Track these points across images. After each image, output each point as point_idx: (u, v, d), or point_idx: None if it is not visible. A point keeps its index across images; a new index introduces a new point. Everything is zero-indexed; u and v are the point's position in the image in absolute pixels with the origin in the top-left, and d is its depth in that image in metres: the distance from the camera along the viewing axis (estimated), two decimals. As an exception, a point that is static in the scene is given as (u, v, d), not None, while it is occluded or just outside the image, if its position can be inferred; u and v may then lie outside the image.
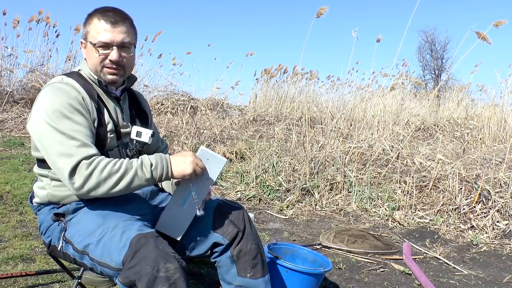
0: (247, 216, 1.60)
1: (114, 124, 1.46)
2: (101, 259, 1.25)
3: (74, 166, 1.24)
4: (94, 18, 1.42)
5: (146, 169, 1.30)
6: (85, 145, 1.29)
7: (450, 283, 2.54)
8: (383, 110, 6.51)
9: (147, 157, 1.34)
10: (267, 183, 4.18)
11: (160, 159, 1.33)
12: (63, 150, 1.26)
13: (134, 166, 1.30)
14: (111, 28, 1.39)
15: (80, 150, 1.27)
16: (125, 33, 1.42)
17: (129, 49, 1.44)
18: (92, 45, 1.41)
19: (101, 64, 1.42)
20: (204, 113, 7.38)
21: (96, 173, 1.25)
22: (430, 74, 24.64)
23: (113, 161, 1.29)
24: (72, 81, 1.40)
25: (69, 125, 1.29)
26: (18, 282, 2.09)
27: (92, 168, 1.25)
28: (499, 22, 4.13)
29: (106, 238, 1.26)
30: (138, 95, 1.71)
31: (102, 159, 1.28)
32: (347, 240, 3.01)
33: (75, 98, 1.34)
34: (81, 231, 1.32)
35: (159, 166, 1.32)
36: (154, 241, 1.20)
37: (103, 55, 1.41)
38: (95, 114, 1.40)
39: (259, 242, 1.59)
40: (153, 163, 1.31)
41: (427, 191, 3.99)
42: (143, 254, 1.16)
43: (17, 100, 6.95)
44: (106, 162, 1.28)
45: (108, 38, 1.39)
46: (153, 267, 1.13)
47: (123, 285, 1.16)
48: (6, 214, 3.06)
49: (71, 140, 1.27)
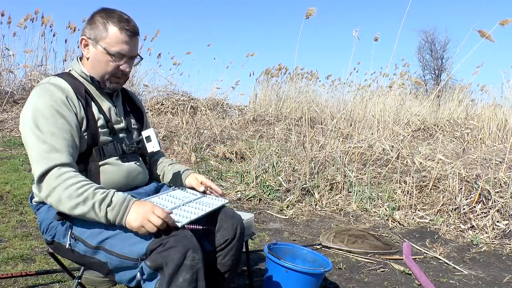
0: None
1: (105, 119, 1.46)
2: (121, 252, 1.26)
3: (42, 173, 1.24)
4: (111, 25, 1.40)
5: (103, 206, 1.22)
6: (56, 151, 1.26)
7: (450, 283, 2.54)
8: (383, 110, 6.51)
9: (114, 194, 1.25)
10: (267, 183, 4.18)
11: (123, 201, 1.23)
12: (35, 155, 1.26)
13: (94, 198, 1.22)
14: (130, 41, 1.42)
15: (50, 156, 1.25)
16: (137, 46, 1.47)
17: (134, 60, 1.49)
18: (106, 52, 1.41)
19: (112, 73, 1.44)
20: (204, 113, 7.38)
21: (59, 189, 1.23)
22: (430, 74, 24.63)
23: (79, 184, 1.23)
24: (60, 81, 1.40)
25: (47, 128, 1.28)
26: (18, 282, 2.09)
27: (58, 182, 1.23)
28: (505, 21, 4.09)
29: (127, 231, 1.26)
30: (131, 95, 1.71)
31: (70, 177, 1.24)
32: (347, 240, 3.01)
33: (59, 99, 1.33)
34: (93, 226, 1.32)
35: (116, 208, 1.22)
36: (184, 231, 1.25)
37: (117, 66, 1.43)
38: (82, 112, 1.39)
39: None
40: (113, 203, 1.23)
41: (427, 191, 3.99)
42: (173, 242, 1.21)
43: (17, 100, 6.96)
44: (72, 183, 1.23)
45: (126, 51, 1.42)
46: (182, 254, 1.19)
47: (150, 268, 1.21)
48: (6, 214, 3.06)
49: (43, 145, 1.26)
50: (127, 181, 1.49)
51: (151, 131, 1.55)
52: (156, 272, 1.21)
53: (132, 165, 1.51)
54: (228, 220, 1.51)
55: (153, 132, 1.55)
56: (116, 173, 1.45)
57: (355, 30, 4.91)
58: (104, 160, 1.43)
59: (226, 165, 5.07)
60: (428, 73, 24.66)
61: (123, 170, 1.47)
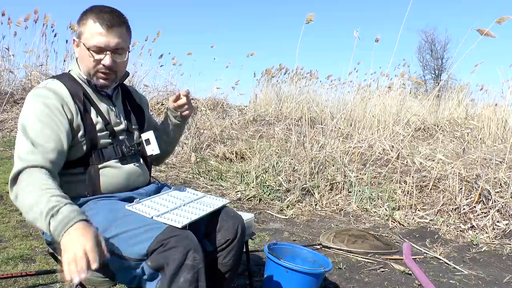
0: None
1: (104, 122, 1.44)
2: (121, 252, 1.26)
3: (15, 174, 1.21)
4: (89, 19, 1.37)
5: (48, 216, 1.10)
6: (34, 153, 1.23)
7: (450, 283, 2.54)
8: (383, 110, 6.51)
9: (65, 206, 1.12)
10: (267, 183, 4.18)
11: (66, 216, 1.09)
12: (15, 157, 1.24)
13: (46, 205, 1.11)
14: (106, 32, 1.35)
15: (26, 158, 1.22)
16: (119, 38, 1.38)
17: (122, 54, 1.41)
18: (85, 48, 1.38)
19: (94, 68, 1.39)
20: (204, 113, 7.38)
21: (23, 191, 1.17)
22: (430, 74, 24.66)
23: (40, 188, 1.14)
24: (57, 84, 1.38)
25: (33, 133, 1.27)
26: (18, 282, 2.09)
27: (24, 184, 1.18)
28: (502, 19, 4.10)
29: (127, 232, 1.26)
30: (131, 90, 1.68)
31: (36, 181, 1.17)
32: (347, 240, 3.01)
33: (52, 105, 1.32)
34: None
35: (58, 221, 1.09)
36: (185, 232, 1.25)
37: (97, 60, 1.38)
38: (79, 117, 1.37)
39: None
40: (58, 215, 1.09)
41: (427, 191, 3.99)
42: (174, 242, 1.21)
43: (17, 100, 6.95)
44: (35, 187, 1.15)
45: (102, 43, 1.35)
46: (183, 254, 1.19)
47: (151, 268, 1.21)
48: (6, 214, 3.06)
49: (25, 147, 1.24)
50: (128, 183, 1.48)
51: (150, 134, 1.54)
52: (157, 272, 1.21)
53: (132, 167, 1.50)
54: (229, 220, 1.51)
55: (153, 135, 1.54)
56: (116, 175, 1.44)
57: (356, 31, 4.92)
58: (104, 163, 1.42)
59: (226, 165, 5.07)
60: (428, 73, 24.70)
61: (123, 173, 1.46)
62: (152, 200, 1.46)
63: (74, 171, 1.38)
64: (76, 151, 1.37)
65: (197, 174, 4.62)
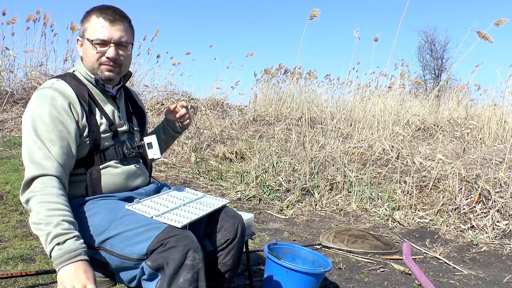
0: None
1: (109, 123, 1.45)
2: (121, 252, 1.26)
3: (33, 177, 1.22)
4: (92, 16, 1.42)
5: (55, 241, 1.12)
6: (50, 159, 1.25)
7: (450, 283, 2.54)
8: (383, 110, 6.51)
9: (72, 239, 1.14)
10: (267, 183, 4.18)
11: (70, 251, 1.11)
12: (30, 159, 1.25)
13: (54, 228, 1.14)
14: (109, 26, 1.40)
15: (43, 164, 1.24)
16: (123, 32, 1.42)
17: (126, 47, 1.45)
18: (89, 42, 1.40)
19: (98, 61, 1.41)
20: (204, 113, 7.38)
21: (35, 200, 1.19)
22: (430, 74, 24.63)
23: (53, 206, 1.17)
24: (63, 85, 1.39)
25: (44, 135, 1.28)
26: (18, 282, 2.09)
27: (39, 193, 1.20)
28: (500, 21, 4.13)
29: (127, 232, 1.26)
30: (133, 94, 1.70)
31: (51, 194, 1.19)
32: (347, 240, 3.01)
33: (60, 106, 1.33)
34: (93, 227, 1.32)
35: (61, 252, 1.11)
36: (185, 232, 1.25)
37: (100, 52, 1.41)
38: (84, 119, 1.38)
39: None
40: (63, 246, 1.12)
41: (427, 191, 3.99)
42: (174, 242, 1.21)
43: (17, 100, 6.94)
44: (47, 200, 1.18)
45: (106, 36, 1.39)
46: (182, 254, 1.19)
47: (150, 268, 1.21)
48: (6, 214, 3.06)
49: (39, 151, 1.25)
50: (127, 183, 1.49)
51: (153, 138, 1.54)
52: (156, 272, 1.21)
53: (132, 167, 1.50)
54: (229, 220, 1.51)
55: (155, 139, 1.54)
56: (115, 175, 1.45)
57: (356, 30, 4.92)
58: (105, 164, 1.43)
59: (226, 165, 5.07)
60: (428, 73, 24.66)
61: (123, 173, 1.47)
62: (152, 200, 1.46)
63: (75, 171, 1.38)
64: (79, 151, 1.37)
65: (197, 174, 4.62)
